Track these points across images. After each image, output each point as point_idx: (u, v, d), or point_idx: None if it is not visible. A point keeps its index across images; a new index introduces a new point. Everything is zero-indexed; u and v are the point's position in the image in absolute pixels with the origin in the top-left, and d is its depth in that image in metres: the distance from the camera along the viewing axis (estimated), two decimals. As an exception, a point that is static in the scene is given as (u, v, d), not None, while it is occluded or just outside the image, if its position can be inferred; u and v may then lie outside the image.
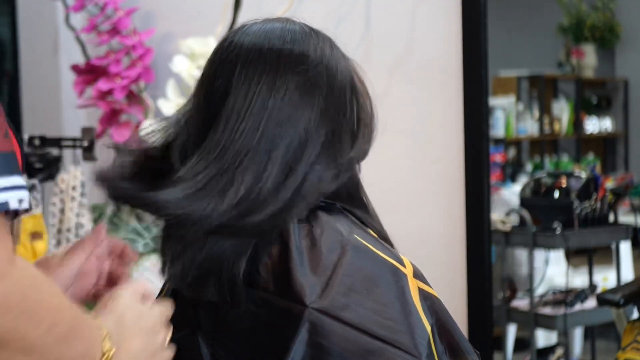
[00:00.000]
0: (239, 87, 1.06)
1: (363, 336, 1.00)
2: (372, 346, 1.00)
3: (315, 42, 1.11)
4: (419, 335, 1.02)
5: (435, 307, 1.06)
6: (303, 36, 1.11)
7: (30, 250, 2.49)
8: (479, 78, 2.35)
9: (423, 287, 1.07)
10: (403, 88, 2.49)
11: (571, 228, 3.37)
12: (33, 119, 3.61)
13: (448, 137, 2.42)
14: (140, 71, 2.90)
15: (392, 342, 1.01)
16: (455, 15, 2.39)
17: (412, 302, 1.04)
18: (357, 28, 2.59)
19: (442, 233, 2.42)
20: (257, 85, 1.06)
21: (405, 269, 1.07)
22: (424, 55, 2.47)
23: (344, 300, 1.02)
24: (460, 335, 1.06)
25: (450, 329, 1.06)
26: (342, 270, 1.04)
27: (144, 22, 3.14)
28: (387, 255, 1.08)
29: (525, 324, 3.50)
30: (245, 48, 1.09)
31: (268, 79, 1.06)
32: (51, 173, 2.59)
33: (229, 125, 1.05)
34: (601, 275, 3.83)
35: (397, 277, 1.06)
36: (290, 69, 1.07)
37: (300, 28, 1.13)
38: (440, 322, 1.06)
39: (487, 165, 2.38)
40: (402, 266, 1.07)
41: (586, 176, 3.54)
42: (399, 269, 1.06)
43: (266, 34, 1.10)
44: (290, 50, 1.09)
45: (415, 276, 1.08)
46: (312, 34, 1.13)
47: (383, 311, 1.02)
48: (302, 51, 1.09)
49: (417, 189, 2.49)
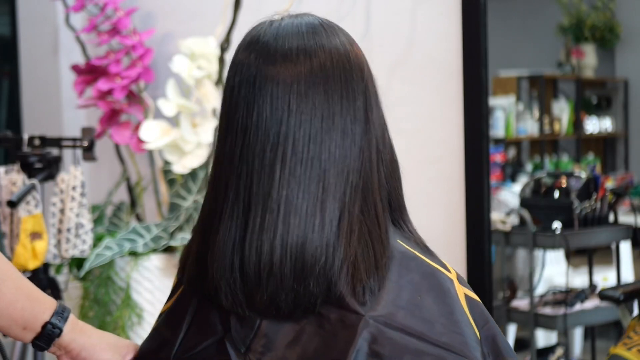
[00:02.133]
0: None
1: (421, 343, 1.00)
2: (430, 352, 1.00)
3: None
4: (471, 340, 1.02)
5: (480, 312, 1.07)
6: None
7: (30, 250, 2.49)
8: (479, 78, 2.35)
9: (468, 292, 1.08)
10: (403, 88, 2.49)
11: (571, 228, 3.37)
12: (33, 119, 3.61)
13: (448, 137, 2.42)
14: (140, 71, 2.90)
15: (449, 347, 1.01)
16: (455, 15, 2.39)
17: (461, 308, 1.04)
18: (357, 28, 2.59)
19: (442, 233, 2.42)
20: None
21: (450, 275, 1.07)
22: (424, 55, 2.47)
23: (398, 308, 1.01)
24: (503, 340, 1.07)
25: (493, 334, 1.07)
26: (392, 278, 1.03)
27: (144, 22, 3.15)
28: (432, 261, 1.08)
29: (525, 324, 3.50)
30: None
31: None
32: (51, 173, 2.58)
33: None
34: (601, 275, 3.83)
35: (446, 283, 1.05)
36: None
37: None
38: (486, 327, 1.06)
39: (487, 165, 2.38)
40: (447, 272, 1.07)
41: (586, 176, 3.54)
42: (446, 275, 1.06)
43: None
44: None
45: (460, 282, 1.08)
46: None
47: (437, 318, 1.02)
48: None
49: (417, 189, 2.49)
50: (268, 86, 1.03)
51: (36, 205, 2.50)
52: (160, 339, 1.14)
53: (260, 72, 1.04)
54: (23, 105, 3.67)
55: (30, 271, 2.57)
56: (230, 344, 1.05)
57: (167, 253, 2.72)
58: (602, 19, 6.02)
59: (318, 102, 1.03)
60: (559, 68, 6.09)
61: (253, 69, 1.05)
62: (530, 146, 5.96)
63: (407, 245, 1.08)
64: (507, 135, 5.42)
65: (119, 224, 3.07)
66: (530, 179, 4.07)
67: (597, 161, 5.89)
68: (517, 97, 5.71)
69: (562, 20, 6.01)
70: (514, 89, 5.76)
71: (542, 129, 5.75)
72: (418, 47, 2.48)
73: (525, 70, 5.82)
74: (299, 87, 1.02)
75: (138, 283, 2.69)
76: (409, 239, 1.11)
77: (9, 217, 2.57)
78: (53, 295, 2.64)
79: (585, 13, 5.97)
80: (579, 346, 3.91)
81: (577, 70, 6.04)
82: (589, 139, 6.08)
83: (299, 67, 1.04)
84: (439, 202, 2.45)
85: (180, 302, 1.14)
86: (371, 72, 1.11)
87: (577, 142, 6.00)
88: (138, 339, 2.65)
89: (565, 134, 5.88)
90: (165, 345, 1.12)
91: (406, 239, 1.10)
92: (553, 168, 5.63)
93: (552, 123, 5.83)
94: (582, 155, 5.97)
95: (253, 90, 1.04)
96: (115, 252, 2.65)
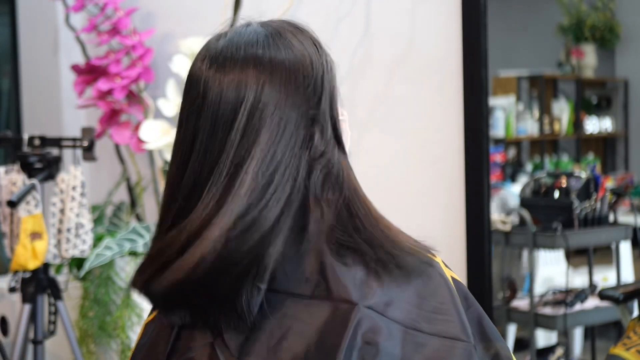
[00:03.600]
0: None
1: (416, 332, 1.00)
2: (427, 342, 0.99)
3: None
4: (465, 323, 1.02)
5: (464, 294, 1.07)
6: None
7: (30, 250, 2.49)
8: (479, 78, 2.35)
9: (454, 275, 1.07)
10: (403, 88, 2.49)
11: (571, 228, 3.37)
12: (33, 119, 3.61)
13: (448, 137, 2.42)
14: (140, 71, 2.90)
15: (445, 334, 1.00)
16: (455, 15, 2.39)
17: (453, 290, 1.04)
18: (357, 28, 2.59)
19: (442, 233, 2.42)
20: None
21: (436, 258, 1.07)
22: (424, 55, 2.47)
23: (391, 297, 1.01)
24: (488, 322, 1.06)
25: (479, 316, 1.06)
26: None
27: (144, 22, 3.15)
28: (417, 246, 1.07)
29: (525, 324, 3.50)
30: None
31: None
32: (51, 173, 2.58)
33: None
34: (601, 275, 3.83)
35: (434, 267, 1.05)
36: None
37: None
38: (471, 308, 1.06)
39: (487, 165, 2.38)
40: (432, 256, 1.07)
41: (586, 176, 3.54)
42: (433, 259, 1.06)
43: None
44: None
45: (445, 265, 1.08)
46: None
47: (429, 304, 1.02)
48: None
49: (417, 189, 2.49)
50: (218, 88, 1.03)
51: (36, 205, 2.50)
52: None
53: (210, 77, 1.04)
54: (23, 105, 3.67)
55: (30, 271, 2.57)
56: (219, 349, 1.04)
57: (167, 253, 2.71)
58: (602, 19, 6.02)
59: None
60: (559, 68, 6.09)
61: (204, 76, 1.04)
62: (530, 146, 5.96)
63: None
64: (507, 135, 5.43)
65: (119, 224, 3.07)
66: (530, 179, 4.07)
67: (597, 161, 5.89)
68: (517, 97, 5.71)
69: (562, 20, 6.01)
70: (514, 89, 5.77)
71: (542, 129, 5.75)
72: (418, 47, 2.48)
73: (525, 70, 5.82)
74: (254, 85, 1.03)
75: (138, 283, 2.69)
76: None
77: (9, 217, 2.57)
78: (53, 295, 2.65)
79: (585, 13, 5.97)
80: (579, 346, 3.90)
81: (577, 70, 6.04)
82: (589, 139, 6.08)
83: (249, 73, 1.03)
84: (438, 202, 2.45)
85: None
86: (331, 75, 1.08)
87: (577, 142, 6.01)
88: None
89: (565, 134, 5.88)
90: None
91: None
92: (553, 168, 5.63)
93: (552, 123, 5.83)
94: (582, 155, 5.98)
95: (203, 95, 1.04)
96: (115, 252, 2.65)
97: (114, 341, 2.87)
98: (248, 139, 1.00)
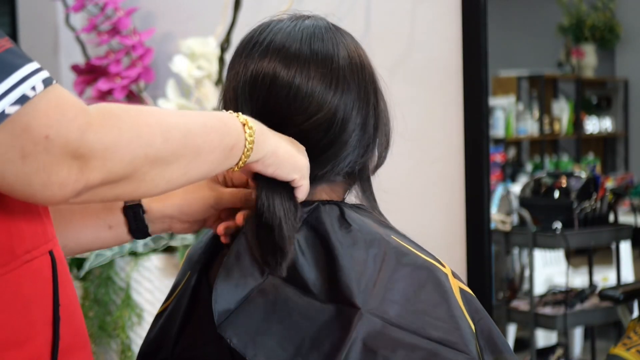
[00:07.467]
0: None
1: (415, 337, 0.99)
2: (424, 346, 0.99)
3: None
4: (467, 333, 1.02)
5: (475, 306, 1.07)
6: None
7: (30, 250, 2.49)
8: (479, 78, 2.35)
9: (462, 286, 1.07)
10: (403, 88, 2.49)
11: (571, 228, 3.37)
12: (33, 119, 3.60)
13: (448, 137, 2.42)
14: (140, 71, 2.90)
15: (445, 342, 1.00)
16: (455, 15, 2.39)
17: (456, 302, 1.04)
18: (357, 28, 2.58)
19: (442, 233, 2.42)
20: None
21: (445, 269, 1.07)
22: (424, 55, 2.47)
23: (392, 302, 1.01)
24: (499, 334, 1.06)
25: (489, 328, 1.06)
26: (386, 273, 1.03)
27: (144, 22, 3.14)
28: (426, 256, 1.08)
29: (525, 324, 3.50)
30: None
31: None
32: (51, 173, 2.58)
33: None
34: (601, 275, 3.83)
35: (441, 277, 1.05)
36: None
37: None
38: (481, 321, 1.06)
39: (487, 165, 2.38)
40: (442, 267, 1.07)
41: (586, 176, 3.54)
42: (440, 270, 1.06)
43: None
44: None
45: (454, 276, 1.08)
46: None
47: (432, 312, 1.02)
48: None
49: (417, 189, 2.49)
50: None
51: (36, 205, 2.50)
52: (159, 340, 1.14)
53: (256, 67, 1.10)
54: (23, 105, 3.66)
55: (30, 271, 2.57)
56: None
57: (167, 253, 2.72)
58: (602, 19, 6.02)
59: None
60: (559, 68, 6.09)
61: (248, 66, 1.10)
62: (530, 146, 5.96)
63: (401, 241, 1.08)
64: (507, 135, 5.42)
65: (119, 224, 3.07)
66: (530, 179, 4.07)
67: (597, 161, 5.89)
68: (517, 97, 5.71)
69: (562, 20, 6.01)
70: (514, 89, 5.76)
71: (542, 129, 5.75)
72: (418, 47, 2.48)
73: (525, 70, 5.82)
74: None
75: (138, 283, 2.69)
76: (398, 232, 1.12)
77: (9, 217, 2.57)
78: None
79: (585, 13, 5.97)
80: (579, 346, 3.90)
81: (577, 70, 6.04)
82: (589, 139, 6.08)
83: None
84: (439, 202, 2.45)
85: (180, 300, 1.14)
86: (373, 73, 1.22)
87: (577, 142, 6.00)
88: (138, 339, 2.65)
89: (565, 134, 5.88)
90: (163, 346, 1.12)
91: (397, 232, 1.12)
92: (553, 168, 5.63)
93: (552, 123, 5.83)
94: (582, 155, 5.97)
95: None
96: (115, 252, 2.65)
97: (114, 341, 2.87)
98: None
